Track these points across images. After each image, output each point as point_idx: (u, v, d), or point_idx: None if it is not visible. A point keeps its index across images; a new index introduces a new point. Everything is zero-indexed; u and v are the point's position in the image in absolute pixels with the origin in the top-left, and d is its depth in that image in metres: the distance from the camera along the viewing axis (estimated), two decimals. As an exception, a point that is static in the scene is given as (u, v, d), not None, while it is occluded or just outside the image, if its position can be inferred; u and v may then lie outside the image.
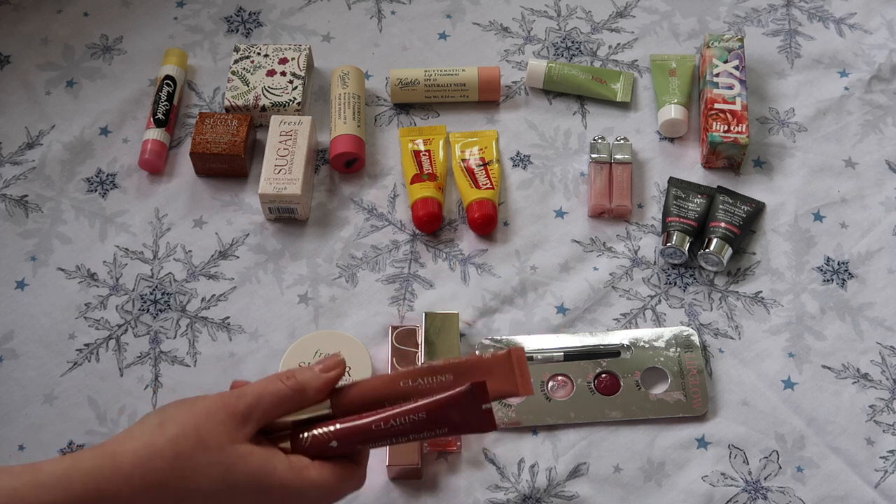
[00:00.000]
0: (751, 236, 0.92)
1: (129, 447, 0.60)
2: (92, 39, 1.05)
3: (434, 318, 0.85)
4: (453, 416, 0.65)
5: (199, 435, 0.61)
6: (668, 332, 0.86)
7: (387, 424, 0.65)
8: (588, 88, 1.00)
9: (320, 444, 0.66)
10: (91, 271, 0.90)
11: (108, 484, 0.59)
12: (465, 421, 0.65)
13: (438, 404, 0.65)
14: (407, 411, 0.65)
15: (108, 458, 0.60)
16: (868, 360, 0.86)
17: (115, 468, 0.59)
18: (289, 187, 0.90)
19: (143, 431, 0.62)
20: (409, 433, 0.65)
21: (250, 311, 0.88)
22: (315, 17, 1.07)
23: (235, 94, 0.97)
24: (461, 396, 0.65)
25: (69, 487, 0.58)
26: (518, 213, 0.94)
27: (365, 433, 0.66)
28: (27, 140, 0.98)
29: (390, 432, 0.65)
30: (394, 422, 0.65)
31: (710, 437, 0.82)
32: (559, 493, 0.79)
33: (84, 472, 0.59)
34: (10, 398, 0.84)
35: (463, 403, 0.65)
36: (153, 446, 0.60)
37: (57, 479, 0.58)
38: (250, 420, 0.63)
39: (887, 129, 0.99)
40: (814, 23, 1.06)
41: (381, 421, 0.65)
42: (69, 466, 0.59)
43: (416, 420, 0.65)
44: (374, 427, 0.65)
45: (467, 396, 0.65)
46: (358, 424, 0.66)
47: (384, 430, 0.65)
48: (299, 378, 0.66)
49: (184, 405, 0.63)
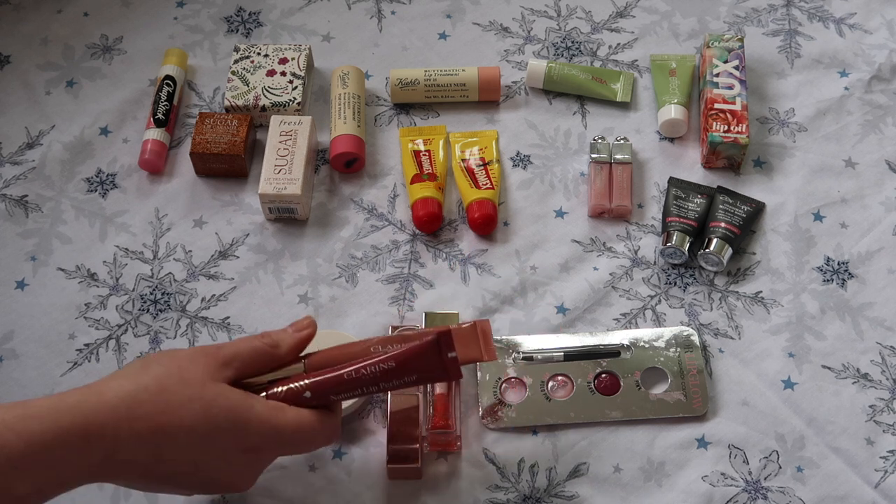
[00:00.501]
0: (751, 236, 0.92)
1: (115, 384, 0.64)
2: (92, 39, 1.05)
3: (434, 318, 0.85)
4: (420, 364, 0.69)
5: (182, 373, 0.66)
6: (668, 332, 0.86)
7: (357, 374, 0.69)
8: (588, 88, 1.00)
9: (294, 395, 0.70)
10: (91, 271, 0.90)
11: (94, 416, 0.62)
12: (432, 369, 0.70)
13: (406, 353, 0.69)
14: (377, 361, 0.69)
15: (95, 394, 0.63)
16: (868, 360, 0.86)
17: (102, 402, 0.63)
18: (289, 187, 0.90)
19: (127, 372, 0.66)
20: (378, 381, 0.70)
21: (250, 311, 0.88)
22: (315, 17, 1.07)
23: (235, 94, 0.97)
24: (428, 345, 0.69)
25: (57, 419, 0.61)
26: (518, 213, 0.94)
27: (337, 383, 0.70)
28: (27, 140, 0.98)
29: (361, 381, 0.69)
30: (364, 371, 0.69)
31: (710, 437, 0.82)
32: (559, 493, 0.80)
33: (71, 405, 0.62)
34: (10, 398, 0.84)
35: (429, 352, 0.69)
36: (138, 383, 0.64)
37: (46, 411, 0.61)
38: (229, 367, 0.68)
39: (887, 129, 0.99)
40: (814, 23, 1.06)
41: (353, 371, 0.69)
42: (56, 401, 0.62)
43: (385, 368, 0.69)
44: (345, 377, 0.70)
45: (433, 345, 0.69)
46: (330, 376, 0.70)
47: (355, 380, 0.69)
48: (274, 336, 0.71)
49: (166, 352, 0.69)
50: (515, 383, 0.84)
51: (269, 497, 0.79)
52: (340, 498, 0.79)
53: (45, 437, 0.60)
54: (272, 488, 0.79)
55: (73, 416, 0.61)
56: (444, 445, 0.80)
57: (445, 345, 0.69)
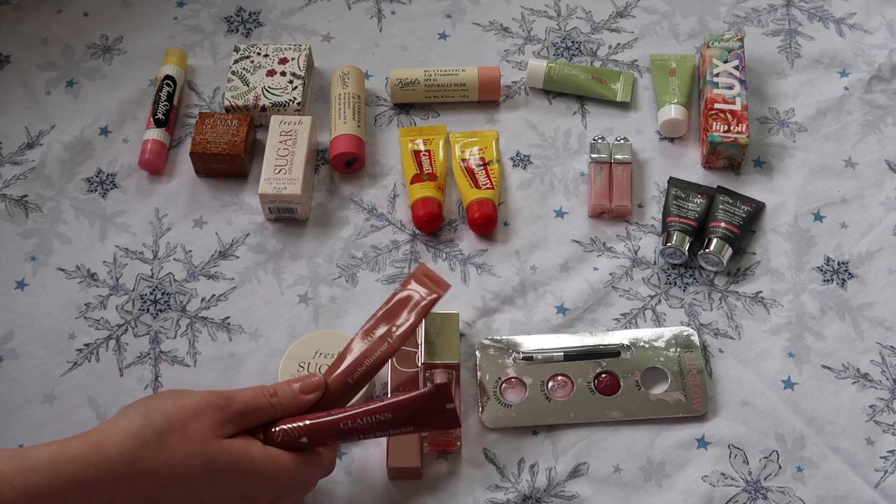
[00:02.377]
0: (751, 236, 0.92)
1: (115, 438, 0.63)
2: (92, 39, 1.05)
3: (434, 318, 0.85)
4: (417, 416, 0.69)
5: (186, 429, 0.64)
6: (668, 332, 0.86)
7: (354, 423, 0.69)
8: (588, 88, 1.00)
9: (290, 440, 0.69)
10: (91, 271, 0.90)
11: (94, 471, 0.61)
12: (429, 420, 0.70)
13: (402, 404, 0.69)
14: (373, 410, 0.69)
15: (95, 448, 0.62)
16: (868, 360, 0.86)
17: (102, 457, 0.62)
18: (289, 187, 0.90)
19: (129, 423, 0.64)
20: (375, 431, 0.70)
21: (250, 311, 0.88)
22: (315, 17, 1.07)
23: (235, 94, 0.97)
24: (423, 398, 0.69)
25: (57, 473, 0.60)
26: (518, 213, 0.94)
27: (333, 430, 0.70)
28: (27, 140, 0.98)
29: (357, 430, 0.69)
30: (360, 420, 0.69)
31: (710, 437, 0.82)
32: (559, 493, 0.80)
33: (70, 458, 0.61)
34: (10, 398, 0.84)
35: (426, 405, 0.69)
36: (140, 438, 0.63)
37: (44, 465, 0.60)
38: (234, 425, 0.67)
39: (887, 129, 0.99)
40: (814, 23, 1.06)
41: (349, 419, 0.69)
42: (56, 453, 0.61)
43: (381, 419, 0.69)
44: (341, 425, 0.69)
45: (429, 398, 0.69)
46: (326, 421, 0.70)
47: (351, 429, 0.69)
48: (281, 399, 0.70)
49: (169, 398, 0.66)
50: (515, 383, 0.84)
51: (269, 497, 0.79)
52: (340, 498, 0.79)
53: (42, 493, 0.60)
54: (272, 488, 0.79)
55: (71, 472, 0.61)
56: (444, 445, 0.80)
57: (441, 397, 0.69)
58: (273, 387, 0.71)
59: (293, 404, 0.70)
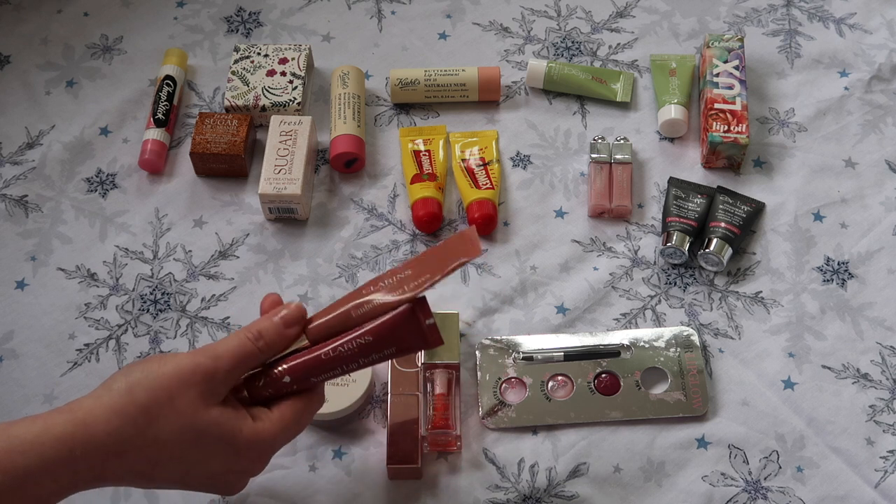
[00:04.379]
0: (751, 236, 0.92)
1: (101, 415, 0.61)
2: (92, 39, 1.05)
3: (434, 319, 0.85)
4: (398, 335, 0.67)
5: (173, 401, 0.63)
6: (668, 332, 0.86)
7: (335, 352, 0.67)
8: (588, 88, 1.00)
9: (275, 384, 0.68)
10: (91, 271, 0.90)
11: (81, 450, 0.60)
12: (411, 339, 0.67)
13: (382, 326, 0.66)
14: (353, 336, 0.67)
15: (81, 426, 0.61)
16: (868, 360, 0.86)
17: (89, 436, 0.61)
18: (289, 187, 0.90)
19: (113, 400, 0.62)
20: (357, 357, 0.67)
21: (250, 311, 0.88)
22: (315, 17, 1.07)
23: (235, 94, 0.97)
24: (404, 316, 0.66)
25: (42, 453, 0.60)
26: (518, 213, 0.94)
27: (316, 364, 0.67)
28: (27, 140, 0.98)
29: (340, 359, 0.67)
30: (342, 349, 0.67)
31: (710, 437, 0.82)
32: (559, 493, 0.80)
33: (56, 437, 0.60)
34: (10, 398, 0.84)
35: (407, 323, 0.66)
36: (126, 416, 0.62)
37: (30, 445, 0.60)
38: (224, 384, 0.65)
39: (887, 129, 0.99)
40: (814, 23, 1.06)
41: (330, 350, 0.67)
42: (41, 432, 0.60)
43: (362, 343, 0.66)
44: (323, 357, 0.67)
45: (410, 315, 0.66)
46: (307, 358, 0.67)
47: (333, 359, 0.67)
48: (267, 338, 0.67)
49: (153, 368, 0.64)
50: (515, 383, 0.84)
51: (270, 497, 0.79)
52: (340, 498, 0.79)
53: (30, 472, 0.59)
54: (272, 488, 0.79)
55: (58, 451, 0.60)
56: (444, 445, 0.80)
57: (422, 312, 0.66)
58: (256, 328, 0.67)
59: (279, 342, 0.67)
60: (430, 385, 0.82)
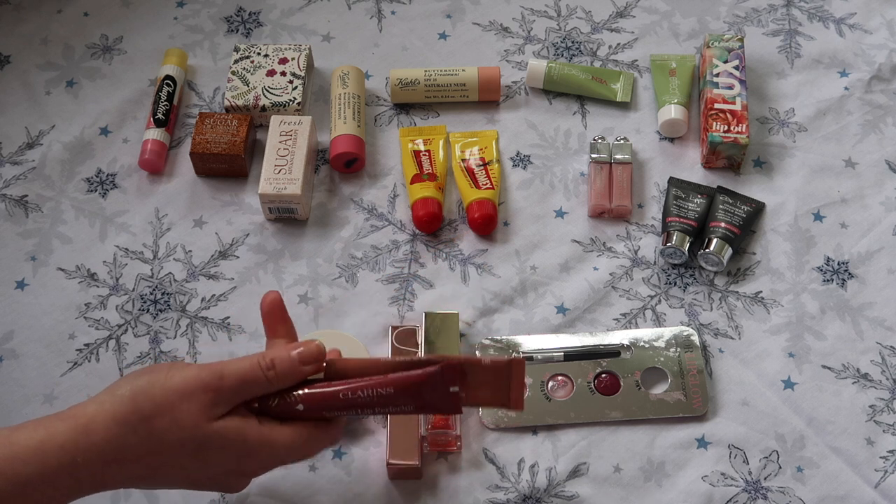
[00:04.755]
0: (751, 236, 0.92)
1: (102, 423, 0.62)
2: (92, 39, 1.05)
3: (434, 318, 0.85)
4: (420, 394, 0.65)
5: (175, 414, 0.62)
6: (668, 332, 0.86)
7: (353, 395, 0.65)
8: (588, 88, 1.00)
9: (287, 407, 0.66)
10: (91, 271, 0.90)
11: (83, 457, 0.61)
12: (432, 401, 0.65)
13: (407, 381, 0.65)
14: (375, 384, 0.65)
15: (82, 433, 0.61)
16: (868, 360, 0.86)
17: (90, 444, 0.61)
18: (289, 187, 0.90)
19: (115, 408, 0.62)
20: (374, 406, 0.66)
21: (250, 311, 0.88)
22: (315, 17, 1.07)
23: (235, 94, 0.97)
24: (430, 376, 0.65)
25: (44, 461, 0.60)
26: (518, 213, 0.94)
27: (331, 400, 0.66)
28: (27, 140, 0.98)
29: (356, 403, 0.66)
30: (361, 393, 0.65)
31: (710, 437, 0.82)
32: (559, 493, 0.80)
33: (59, 445, 0.60)
34: (10, 398, 0.84)
35: (431, 383, 0.65)
36: (127, 425, 0.62)
37: (33, 453, 0.60)
38: (226, 403, 0.65)
39: (887, 129, 0.99)
40: (814, 23, 1.06)
41: (349, 391, 0.65)
42: (43, 440, 0.60)
43: (382, 394, 0.65)
44: (341, 395, 0.66)
45: (436, 377, 0.64)
46: (326, 391, 0.66)
47: (350, 400, 0.66)
48: (279, 370, 0.66)
49: (158, 378, 0.64)
50: (515, 383, 0.84)
51: (269, 497, 0.79)
52: (340, 498, 0.79)
53: (32, 479, 0.60)
54: (272, 488, 0.79)
55: (60, 459, 0.60)
56: (444, 445, 0.80)
57: (449, 378, 0.65)
58: (270, 357, 0.66)
59: (291, 376, 0.66)
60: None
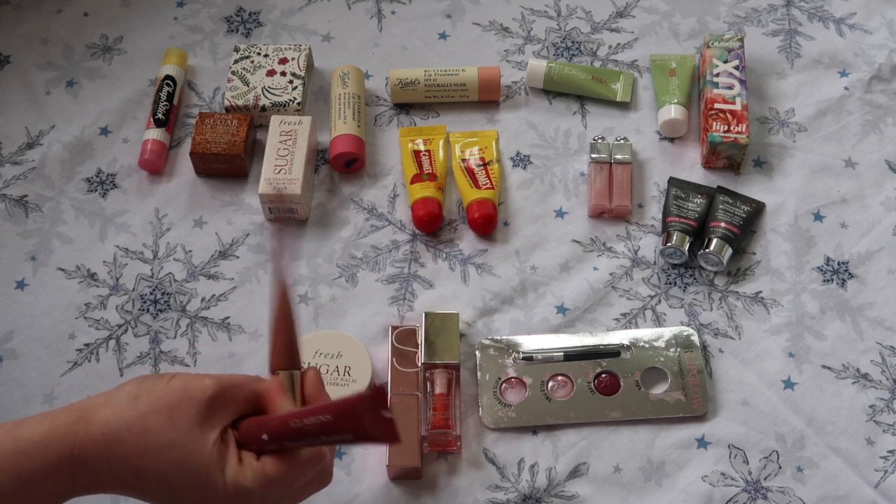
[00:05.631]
0: (751, 236, 0.92)
1: (102, 416, 0.62)
2: (92, 39, 1.05)
3: (434, 318, 0.85)
4: (354, 421, 0.63)
5: (171, 412, 0.62)
6: (668, 332, 0.86)
7: (300, 422, 0.64)
8: (588, 88, 1.00)
9: (252, 435, 0.65)
10: (91, 271, 0.90)
11: (79, 450, 0.61)
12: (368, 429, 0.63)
13: (340, 406, 0.63)
14: (315, 410, 0.63)
15: (83, 425, 0.62)
16: (868, 360, 0.86)
17: (87, 436, 0.61)
18: (289, 187, 0.90)
19: (118, 401, 0.63)
20: (319, 434, 0.64)
21: (250, 311, 0.88)
22: (315, 17, 1.07)
23: (235, 94, 0.97)
24: (360, 399, 0.62)
25: (46, 453, 0.61)
26: (518, 213, 0.94)
27: (284, 430, 0.64)
28: (27, 140, 0.98)
29: (304, 431, 0.64)
30: (305, 420, 0.64)
31: (710, 437, 0.82)
32: (559, 493, 0.80)
33: (59, 438, 0.61)
34: (10, 398, 0.84)
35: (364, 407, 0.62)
36: (124, 419, 0.62)
37: (36, 447, 0.61)
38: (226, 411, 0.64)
39: (887, 129, 0.99)
40: (814, 23, 1.06)
41: (297, 417, 0.64)
42: (47, 433, 0.61)
43: (323, 421, 0.63)
44: (292, 423, 0.64)
45: (368, 400, 0.62)
46: (279, 421, 0.65)
47: (300, 429, 0.64)
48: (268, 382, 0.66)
49: (163, 379, 0.64)
50: (515, 383, 0.84)
51: (269, 497, 0.79)
52: (340, 498, 0.79)
53: (34, 475, 0.60)
54: (272, 488, 0.79)
55: (60, 452, 0.61)
56: (444, 445, 0.80)
57: (380, 401, 0.62)
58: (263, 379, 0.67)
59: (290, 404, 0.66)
60: (429, 385, 0.82)
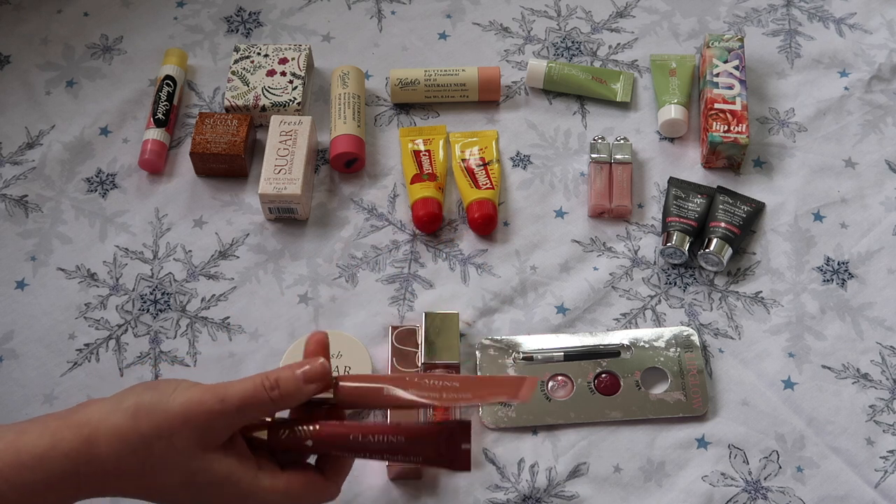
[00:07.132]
0: (751, 236, 0.92)
1: (104, 437, 0.62)
2: (92, 39, 1.05)
3: (434, 318, 0.85)
4: (431, 448, 0.64)
5: (173, 436, 0.63)
6: (668, 332, 0.86)
7: (364, 438, 0.64)
8: (588, 88, 1.00)
9: (296, 441, 0.65)
10: (91, 271, 0.90)
11: (85, 467, 0.62)
12: (441, 456, 0.64)
13: (418, 432, 0.64)
14: (387, 430, 0.64)
15: (86, 444, 0.62)
16: (868, 360, 0.86)
17: (92, 455, 0.62)
18: (289, 187, 0.90)
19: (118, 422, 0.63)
20: (383, 453, 0.65)
21: (250, 311, 0.88)
22: (315, 17, 1.07)
23: (235, 94, 0.97)
24: (443, 432, 0.64)
25: (50, 468, 0.61)
26: (518, 213, 0.94)
27: (341, 441, 0.65)
28: (27, 140, 0.98)
29: (366, 447, 0.65)
30: (371, 438, 0.64)
31: (710, 437, 0.82)
32: (559, 493, 0.80)
33: (63, 454, 0.62)
34: (10, 398, 0.84)
35: (443, 439, 0.64)
36: (127, 443, 0.62)
37: (38, 461, 0.61)
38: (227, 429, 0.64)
39: (887, 129, 0.99)
40: (814, 23, 1.06)
41: (360, 434, 0.65)
42: (49, 448, 0.62)
43: (393, 442, 0.64)
44: (350, 438, 0.65)
45: (448, 433, 0.64)
46: (336, 431, 0.65)
47: (360, 444, 0.65)
48: (283, 390, 0.65)
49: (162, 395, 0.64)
50: (515, 383, 0.84)
51: (269, 497, 0.79)
52: (340, 498, 0.79)
53: (37, 487, 0.61)
54: (272, 488, 0.79)
55: (64, 468, 0.61)
56: (444, 445, 0.80)
57: (461, 436, 0.64)
58: (275, 377, 0.65)
59: (295, 395, 0.65)
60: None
